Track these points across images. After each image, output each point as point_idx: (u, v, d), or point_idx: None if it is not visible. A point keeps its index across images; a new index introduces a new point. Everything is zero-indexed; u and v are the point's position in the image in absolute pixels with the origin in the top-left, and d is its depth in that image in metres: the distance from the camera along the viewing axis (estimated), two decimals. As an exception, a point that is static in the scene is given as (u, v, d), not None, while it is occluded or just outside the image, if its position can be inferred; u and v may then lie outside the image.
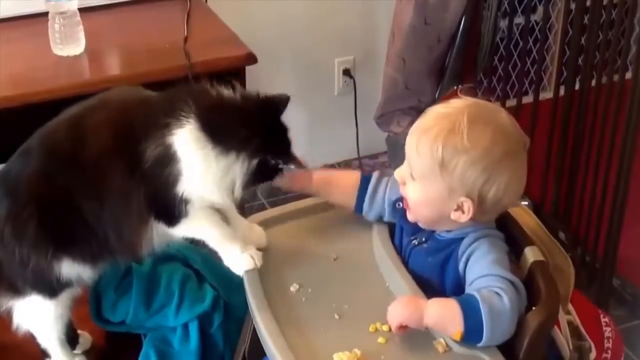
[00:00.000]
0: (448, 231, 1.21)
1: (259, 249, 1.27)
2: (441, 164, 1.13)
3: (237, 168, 1.19)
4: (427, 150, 1.14)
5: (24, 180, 1.28)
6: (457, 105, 1.17)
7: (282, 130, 1.24)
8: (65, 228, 1.28)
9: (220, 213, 1.27)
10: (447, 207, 1.16)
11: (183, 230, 1.26)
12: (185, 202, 1.22)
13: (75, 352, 1.54)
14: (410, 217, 1.22)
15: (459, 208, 1.16)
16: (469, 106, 1.17)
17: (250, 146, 1.18)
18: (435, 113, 1.17)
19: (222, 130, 1.19)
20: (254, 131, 1.19)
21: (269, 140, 1.20)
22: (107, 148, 1.23)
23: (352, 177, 1.33)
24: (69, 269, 1.32)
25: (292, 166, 1.23)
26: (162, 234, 1.28)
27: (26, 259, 1.29)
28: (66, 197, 1.26)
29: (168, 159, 1.19)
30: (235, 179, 1.20)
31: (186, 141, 1.18)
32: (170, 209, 1.23)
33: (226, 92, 1.24)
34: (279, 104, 1.25)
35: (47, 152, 1.28)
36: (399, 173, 1.21)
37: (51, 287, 1.35)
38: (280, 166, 1.22)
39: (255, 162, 1.19)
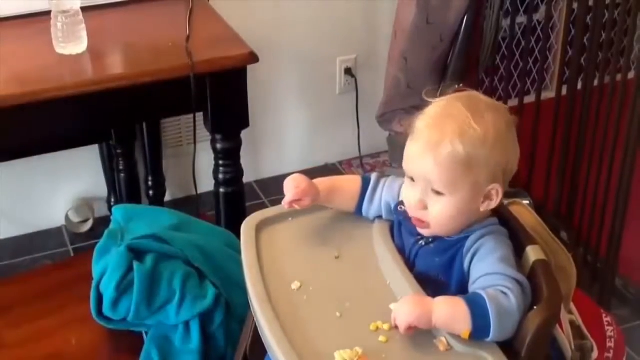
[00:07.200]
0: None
1: None
2: (467, 163, 1.13)
3: None
4: (449, 158, 1.13)
5: None
6: (444, 107, 1.17)
7: None
8: None
9: None
10: (476, 204, 1.17)
11: None
12: None
13: None
14: (428, 232, 1.20)
15: (487, 198, 1.17)
16: (456, 100, 1.17)
17: None
18: (430, 125, 1.15)
19: None
20: None
21: None
22: None
23: (354, 183, 1.32)
24: None
25: None
26: None
27: None
28: None
29: None
30: None
31: None
32: None
33: None
34: None
35: None
36: (416, 199, 1.18)
37: None
38: None
39: None
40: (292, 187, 1.28)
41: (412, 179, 1.19)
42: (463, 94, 1.21)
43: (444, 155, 1.13)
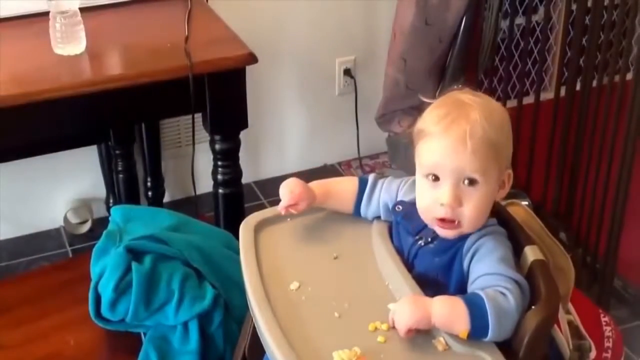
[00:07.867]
0: None
1: None
2: (495, 147, 1.14)
3: None
4: (483, 141, 1.13)
5: None
6: (455, 100, 1.17)
7: None
8: None
9: None
10: (496, 192, 1.19)
11: None
12: None
13: None
14: (455, 232, 1.17)
15: (501, 185, 1.19)
16: (461, 93, 1.18)
17: None
18: (453, 118, 1.14)
19: None
20: None
21: None
22: None
23: (351, 185, 1.32)
24: None
25: None
26: None
27: None
28: None
29: None
30: None
31: None
32: None
33: None
34: None
35: None
36: (450, 196, 1.14)
37: None
38: None
39: None
40: (286, 192, 1.28)
41: (436, 179, 1.16)
42: (458, 90, 1.21)
43: (479, 141, 1.13)
